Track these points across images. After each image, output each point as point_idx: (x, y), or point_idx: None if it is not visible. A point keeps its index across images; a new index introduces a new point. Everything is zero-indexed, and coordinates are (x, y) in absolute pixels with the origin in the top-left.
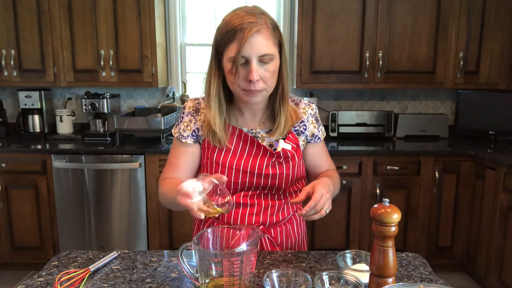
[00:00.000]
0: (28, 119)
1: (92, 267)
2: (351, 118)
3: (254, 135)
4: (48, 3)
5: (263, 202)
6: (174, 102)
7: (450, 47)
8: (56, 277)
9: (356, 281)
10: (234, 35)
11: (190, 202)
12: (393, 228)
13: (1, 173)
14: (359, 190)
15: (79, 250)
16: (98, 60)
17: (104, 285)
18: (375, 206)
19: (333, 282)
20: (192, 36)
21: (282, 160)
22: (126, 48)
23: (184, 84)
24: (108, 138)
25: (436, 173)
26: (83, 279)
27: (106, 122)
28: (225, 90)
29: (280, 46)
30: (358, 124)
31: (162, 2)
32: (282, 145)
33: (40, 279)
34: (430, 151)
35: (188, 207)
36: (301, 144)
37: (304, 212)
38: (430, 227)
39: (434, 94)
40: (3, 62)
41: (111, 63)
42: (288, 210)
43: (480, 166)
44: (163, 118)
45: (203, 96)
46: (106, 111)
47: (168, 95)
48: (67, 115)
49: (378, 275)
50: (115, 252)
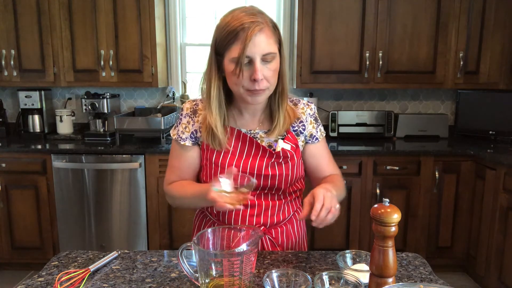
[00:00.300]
0: (28, 119)
1: (92, 267)
2: (351, 118)
3: (253, 135)
4: (48, 3)
5: (263, 202)
6: (174, 102)
7: (450, 47)
8: (56, 277)
9: (356, 281)
10: (236, 35)
11: (227, 205)
12: (393, 228)
13: (1, 173)
14: (359, 190)
15: (79, 250)
16: (98, 60)
17: (104, 285)
18: (375, 206)
19: (333, 282)
20: (192, 36)
21: (281, 160)
22: (126, 48)
23: (184, 84)
24: (108, 138)
25: (436, 173)
26: (83, 279)
27: (106, 122)
28: (224, 92)
29: (280, 45)
30: (358, 124)
31: (162, 2)
32: (282, 145)
33: (40, 279)
34: (430, 151)
35: (227, 208)
36: (300, 144)
37: (314, 217)
38: (430, 227)
39: (434, 94)
40: (3, 62)
41: (111, 63)
42: (288, 210)
43: (480, 166)
44: (163, 118)
45: (200, 97)
46: (106, 111)
47: (168, 95)
48: (67, 115)
49: (378, 275)
50: (115, 252)
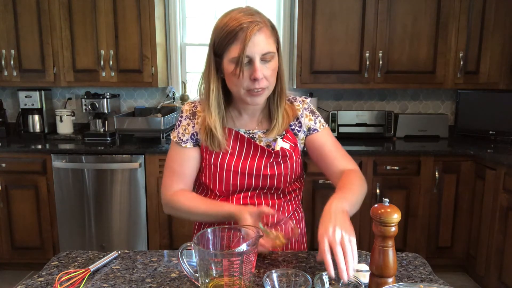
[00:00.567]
0: (28, 119)
1: (92, 267)
2: (351, 118)
3: (251, 136)
4: (48, 3)
5: (263, 202)
6: (174, 102)
7: (450, 47)
8: (56, 277)
9: (356, 281)
10: (235, 36)
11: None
12: (393, 228)
13: (1, 173)
14: None
15: (79, 250)
16: (98, 60)
17: (104, 285)
18: (375, 206)
19: (333, 282)
20: (192, 36)
21: (280, 159)
22: (126, 48)
23: (184, 84)
24: (108, 138)
25: (436, 173)
26: (83, 279)
27: (106, 122)
28: (222, 93)
29: (278, 44)
30: (358, 124)
31: (162, 2)
32: (281, 144)
33: (40, 279)
34: (430, 151)
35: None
36: (299, 143)
37: (345, 276)
38: (430, 227)
39: (434, 94)
40: (3, 62)
41: (111, 63)
42: (288, 209)
43: (480, 166)
44: (163, 118)
45: (199, 99)
46: (106, 111)
47: (168, 95)
48: (67, 115)
49: (378, 275)
50: (115, 252)
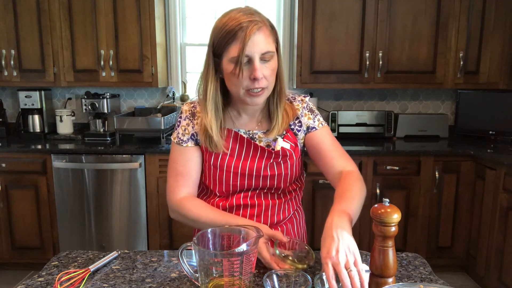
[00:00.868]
0: (28, 119)
1: (92, 267)
2: (351, 118)
3: (251, 136)
4: (48, 3)
5: (263, 202)
6: (174, 102)
7: (450, 47)
8: (56, 277)
9: None
10: (234, 35)
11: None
12: (393, 228)
13: (1, 173)
14: None
15: (79, 250)
16: (98, 60)
17: (104, 285)
18: (375, 206)
19: None
20: (192, 36)
21: (280, 159)
22: (126, 48)
23: (184, 84)
24: (108, 138)
25: (436, 173)
26: (83, 279)
27: (106, 122)
28: (221, 93)
29: (277, 44)
30: (358, 124)
31: (162, 2)
32: (281, 143)
33: (40, 279)
34: (430, 151)
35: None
36: (299, 143)
37: None
38: (430, 227)
39: (434, 94)
40: (3, 62)
41: (111, 63)
42: (288, 209)
43: (480, 166)
44: (163, 118)
45: (198, 99)
46: (106, 111)
47: (168, 95)
48: (67, 115)
49: (378, 275)
50: (115, 252)
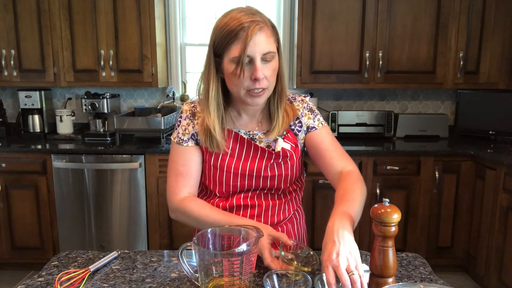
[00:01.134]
0: (28, 119)
1: (92, 267)
2: (351, 118)
3: (251, 137)
4: (48, 3)
5: (263, 202)
6: (174, 102)
7: (450, 47)
8: (56, 277)
9: None
10: (236, 35)
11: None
12: (393, 228)
13: (1, 173)
14: None
15: (79, 250)
16: (98, 60)
17: (104, 285)
18: (375, 206)
19: None
20: (192, 36)
21: (280, 160)
22: (126, 48)
23: (184, 84)
24: (108, 138)
25: (436, 173)
26: (83, 279)
27: (106, 122)
28: (222, 93)
29: (278, 44)
30: (358, 124)
31: (162, 2)
32: (282, 144)
33: (40, 279)
34: (430, 151)
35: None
36: (299, 143)
37: None
38: (430, 227)
39: (434, 94)
40: (3, 62)
41: (111, 63)
42: (288, 209)
43: (480, 166)
44: (163, 118)
45: (198, 99)
46: (106, 111)
47: (168, 95)
48: (67, 115)
49: (378, 275)
50: (115, 252)
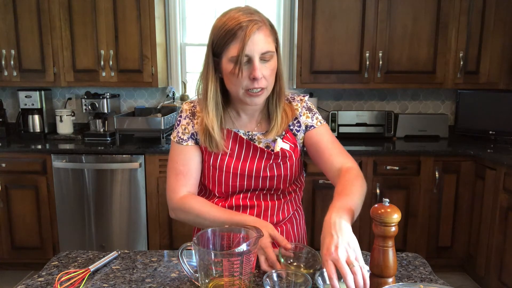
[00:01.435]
0: (28, 119)
1: (92, 267)
2: (351, 118)
3: (250, 137)
4: (48, 3)
5: (262, 203)
6: (174, 102)
7: (450, 47)
8: (56, 277)
9: None
10: (234, 35)
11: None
12: (393, 228)
13: (1, 173)
14: None
15: (79, 250)
16: (98, 60)
17: (104, 285)
18: (375, 206)
19: None
20: (192, 36)
21: (279, 160)
22: (126, 48)
23: (184, 84)
24: (108, 138)
25: (436, 173)
26: (83, 279)
27: (106, 122)
28: (220, 93)
29: (277, 44)
30: (358, 124)
31: (162, 2)
32: (281, 144)
33: (40, 279)
34: (430, 151)
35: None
36: (299, 143)
37: None
38: (430, 227)
39: (434, 94)
40: (3, 62)
41: (111, 63)
42: (288, 209)
43: (480, 166)
44: (163, 118)
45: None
46: (106, 111)
47: (168, 95)
48: (67, 115)
49: (378, 275)
50: (115, 252)
